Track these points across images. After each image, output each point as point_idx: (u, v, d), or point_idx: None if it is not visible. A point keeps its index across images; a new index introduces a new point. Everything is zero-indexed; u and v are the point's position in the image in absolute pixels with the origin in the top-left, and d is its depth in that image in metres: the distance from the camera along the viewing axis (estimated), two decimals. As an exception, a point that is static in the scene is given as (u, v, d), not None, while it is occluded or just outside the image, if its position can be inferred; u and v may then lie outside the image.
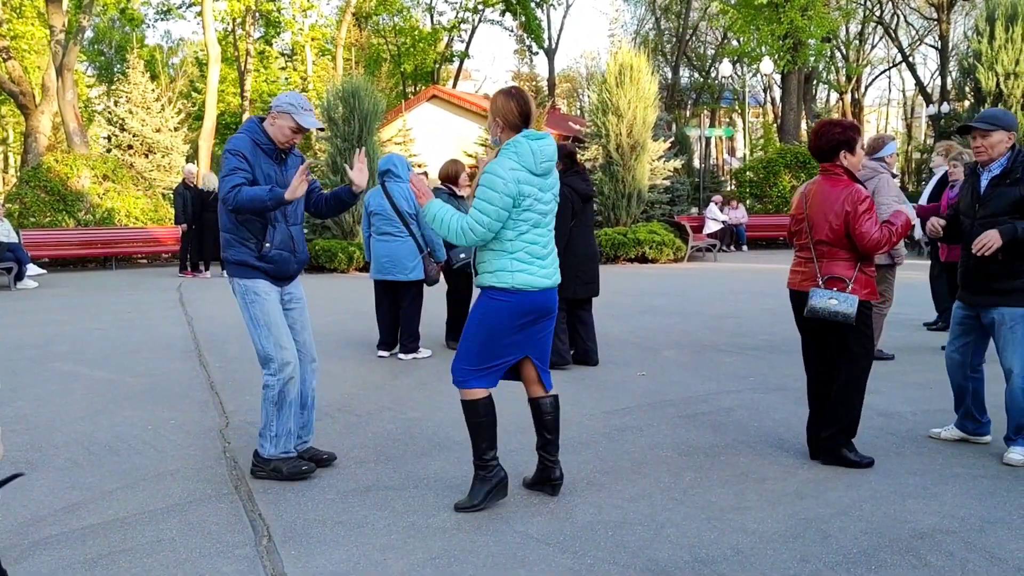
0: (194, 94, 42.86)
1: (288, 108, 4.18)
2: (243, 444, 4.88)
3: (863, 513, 3.75)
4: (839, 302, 4.22)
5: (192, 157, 25.61)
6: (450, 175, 7.66)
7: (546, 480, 4.02)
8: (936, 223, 4.79)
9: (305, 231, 16.51)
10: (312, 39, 39.06)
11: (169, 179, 21.31)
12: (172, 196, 16.65)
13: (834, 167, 4.35)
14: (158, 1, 36.51)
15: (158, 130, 21.58)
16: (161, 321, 9.83)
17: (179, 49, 50.81)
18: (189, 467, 4.51)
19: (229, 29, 40.09)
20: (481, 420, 3.82)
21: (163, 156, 21.51)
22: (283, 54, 44.72)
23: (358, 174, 4.30)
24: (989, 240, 4.25)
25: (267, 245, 4.20)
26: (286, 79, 43.08)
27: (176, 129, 22.26)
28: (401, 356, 7.41)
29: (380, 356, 7.48)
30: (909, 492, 3.99)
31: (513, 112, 3.71)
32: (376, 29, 45.21)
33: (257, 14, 38.56)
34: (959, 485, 4.06)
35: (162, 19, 38.69)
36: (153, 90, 22.37)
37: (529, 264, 3.70)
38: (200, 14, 29.59)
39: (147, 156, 21.32)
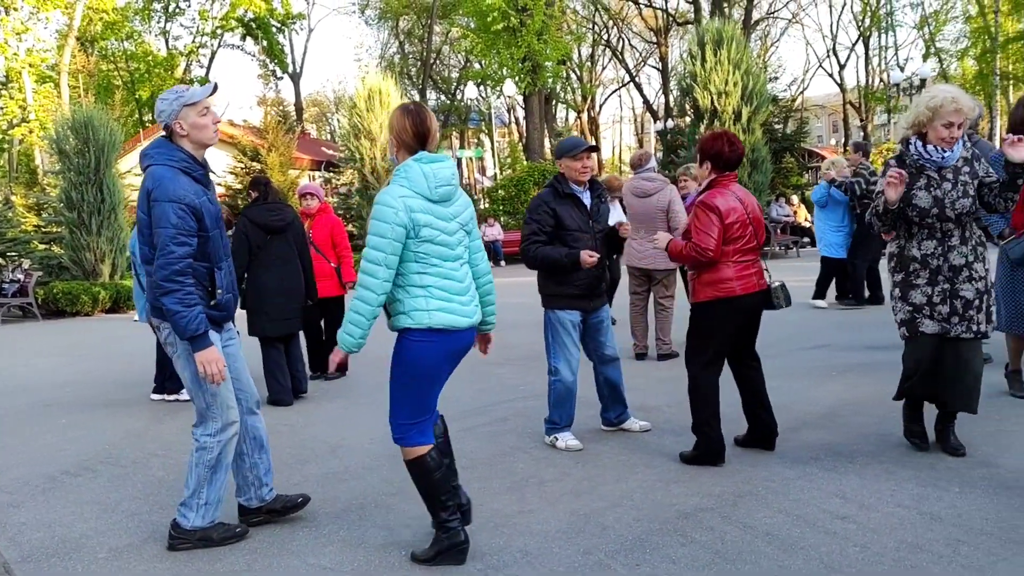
0: None
1: (177, 103, 3.58)
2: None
3: (634, 503, 4.05)
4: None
5: None
6: None
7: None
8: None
9: (40, 273, 15.30)
10: (30, 65, 35.88)
11: None
12: None
13: (734, 174, 4.60)
14: None
15: None
16: None
17: None
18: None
19: (-71, 54, 35.96)
20: (434, 476, 3.41)
21: None
22: (-4, 81, 40.72)
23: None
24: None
25: (219, 291, 3.70)
26: (1, 107, 39.24)
27: None
28: (153, 397, 7.07)
29: (152, 399, 7.10)
30: (672, 478, 4.37)
31: (407, 131, 3.33)
32: (104, 54, 42.33)
33: (-38, 38, 34.91)
34: (713, 467, 4.48)
35: None
36: None
37: (448, 301, 3.32)
38: None
39: None
